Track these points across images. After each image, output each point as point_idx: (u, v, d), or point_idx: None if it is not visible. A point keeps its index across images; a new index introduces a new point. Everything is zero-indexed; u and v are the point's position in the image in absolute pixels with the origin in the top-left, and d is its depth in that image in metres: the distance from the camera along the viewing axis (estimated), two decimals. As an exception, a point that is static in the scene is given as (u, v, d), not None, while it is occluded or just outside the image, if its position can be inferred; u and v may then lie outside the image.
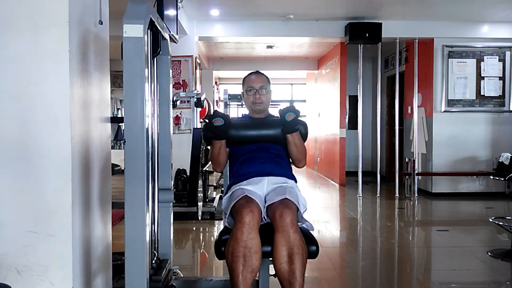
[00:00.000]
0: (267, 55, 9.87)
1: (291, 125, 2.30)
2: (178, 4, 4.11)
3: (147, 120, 1.68)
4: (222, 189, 6.01)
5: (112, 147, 2.91)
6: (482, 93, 6.85)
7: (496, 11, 6.26)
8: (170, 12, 3.70)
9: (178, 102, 4.82)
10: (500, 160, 6.28)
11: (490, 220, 4.32)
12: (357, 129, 7.13)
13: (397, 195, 6.71)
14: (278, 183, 2.27)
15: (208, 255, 3.84)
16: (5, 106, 1.72)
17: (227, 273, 2.05)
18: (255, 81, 2.46)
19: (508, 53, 6.86)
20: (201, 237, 4.68)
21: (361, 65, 6.99)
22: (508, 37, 6.80)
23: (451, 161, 6.87)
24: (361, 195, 6.75)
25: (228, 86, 10.26)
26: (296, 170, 2.55)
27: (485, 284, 3.27)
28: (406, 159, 6.89)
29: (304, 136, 2.42)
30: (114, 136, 9.05)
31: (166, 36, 2.10)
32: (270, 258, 2.06)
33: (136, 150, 1.60)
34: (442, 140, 6.86)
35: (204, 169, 5.17)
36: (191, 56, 6.69)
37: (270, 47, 8.86)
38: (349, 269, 3.60)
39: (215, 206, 5.20)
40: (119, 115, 9.95)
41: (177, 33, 4.00)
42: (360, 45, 6.93)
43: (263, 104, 2.47)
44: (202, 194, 5.08)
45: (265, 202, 2.16)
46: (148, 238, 1.69)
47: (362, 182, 6.94)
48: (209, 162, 5.51)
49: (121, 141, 9.09)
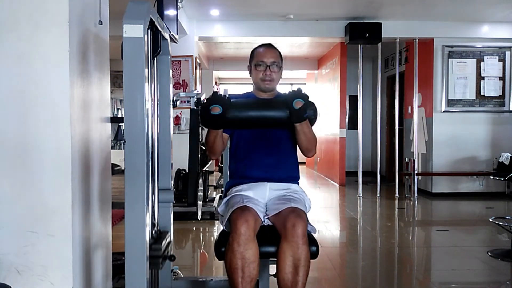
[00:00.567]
0: (267, 55, 9.85)
1: (300, 113, 2.00)
2: (178, 4, 4.12)
3: (147, 120, 1.68)
4: (222, 189, 6.00)
5: (112, 147, 2.90)
6: (482, 93, 6.85)
7: (496, 11, 6.26)
8: (170, 12, 3.70)
9: (178, 102, 4.82)
10: (500, 160, 6.28)
11: (490, 220, 4.31)
12: (357, 129, 7.12)
13: (397, 195, 6.71)
14: (281, 189, 2.19)
15: (208, 255, 3.84)
16: (5, 106, 1.72)
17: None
18: (267, 55, 2.18)
19: (508, 53, 6.85)
20: (201, 237, 4.68)
21: (361, 65, 6.99)
22: (508, 37, 6.80)
23: (451, 161, 6.87)
24: (361, 195, 6.75)
25: (228, 86, 10.26)
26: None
27: (485, 284, 3.27)
28: (406, 159, 6.89)
29: (313, 121, 2.12)
30: (114, 136, 9.06)
31: (166, 36, 2.10)
32: (271, 259, 2.05)
33: (136, 150, 1.60)
34: (442, 140, 6.86)
35: (204, 169, 5.16)
36: (191, 56, 6.68)
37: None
38: (349, 269, 3.60)
39: (215, 206, 5.20)
40: (119, 115, 9.95)
41: (177, 33, 4.00)
42: (360, 45, 6.93)
43: (273, 83, 2.21)
44: (202, 194, 5.07)
45: (266, 209, 2.11)
46: (148, 238, 1.69)
47: (362, 182, 6.94)
48: (209, 162, 5.52)
49: (121, 141, 9.10)
